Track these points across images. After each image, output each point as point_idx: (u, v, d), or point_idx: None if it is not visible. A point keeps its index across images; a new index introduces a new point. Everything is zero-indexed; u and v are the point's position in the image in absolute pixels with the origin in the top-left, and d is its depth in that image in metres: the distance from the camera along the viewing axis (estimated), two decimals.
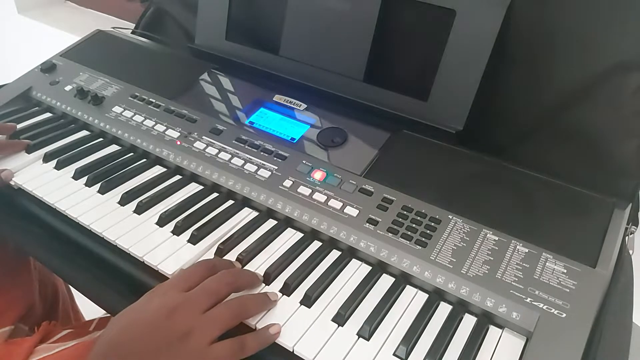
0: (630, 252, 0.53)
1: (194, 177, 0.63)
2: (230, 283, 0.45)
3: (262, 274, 0.50)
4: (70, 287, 0.87)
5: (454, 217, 0.52)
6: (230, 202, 0.60)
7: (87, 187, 0.61)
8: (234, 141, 0.64)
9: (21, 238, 0.60)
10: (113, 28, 0.90)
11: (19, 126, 0.70)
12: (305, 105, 0.68)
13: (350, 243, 0.52)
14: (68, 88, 0.76)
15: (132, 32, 0.94)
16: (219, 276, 0.45)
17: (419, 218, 0.53)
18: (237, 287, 0.46)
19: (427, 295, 0.49)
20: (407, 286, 0.50)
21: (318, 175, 0.58)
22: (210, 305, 0.42)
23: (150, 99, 0.71)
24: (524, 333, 0.45)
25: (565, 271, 0.47)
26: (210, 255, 0.53)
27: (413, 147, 0.62)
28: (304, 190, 0.57)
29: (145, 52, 0.84)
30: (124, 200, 0.58)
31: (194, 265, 0.47)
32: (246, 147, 0.63)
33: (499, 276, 0.47)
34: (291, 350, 0.43)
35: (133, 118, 0.69)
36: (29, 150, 0.66)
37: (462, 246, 0.50)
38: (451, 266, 0.49)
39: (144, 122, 0.68)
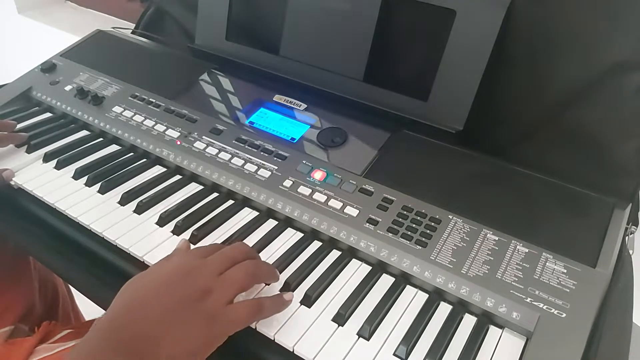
0: (630, 252, 0.53)
1: (194, 177, 0.63)
2: (246, 251, 0.46)
3: None
4: (70, 287, 0.87)
5: (454, 217, 0.52)
6: (230, 202, 0.60)
7: (87, 187, 0.61)
8: (234, 141, 0.64)
9: (21, 238, 0.60)
10: (113, 28, 0.90)
11: (19, 126, 0.70)
12: (305, 105, 0.68)
13: (350, 243, 0.52)
14: (68, 88, 0.76)
15: (132, 32, 0.94)
16: (234, 245, 0.47)
17: (419, 218, 0.53)
18: (252, 256, 0.47)
19: (427, 295, 0.49)
20: (407, 286, 0.50)
21: (318, 175, 0.58)
22: (227, 268, 0.43)
23: (150, 99, 0.71)
24: (524, 333, 0.45)
25: (565, 271, 0.47)
26: None
27: (413, 147, 0.62)
28: (304, 190, 0.57)
29: (145, 52, 0.84)
30: (124, 200, 0.58)
31: (207, 245, 0.48)
32: (246, 147, 0.63)
33: (499, 276, 0.47)
34: (291, 350, 0.43)
35: (133, 118, 0.69)
36: (29, 150, 0.66)
37: (462, 246, 0.50)
38: (451, 266, 0.49)
39: (144, 122, 0.68)
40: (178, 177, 0.63)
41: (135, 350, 0.37)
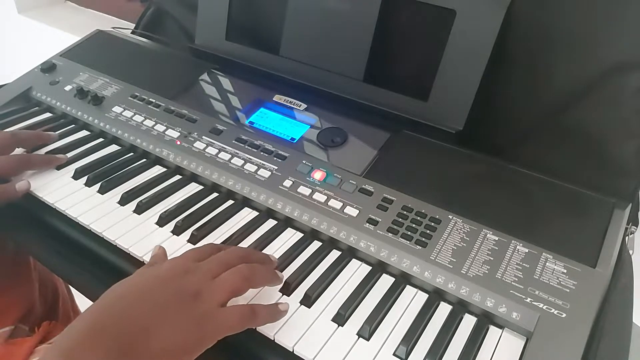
0: (630, 252, 0.53)
1: (194, 177, 0.63)
2: (242, 256, 0.46)
3: None
4: (70, 287, 0.87)
5: (454, 217, 0.52)
6: (230, 202, 0.60)
7: (87, 187, 0.61)
8: (234, 141, 0.64)
9: (21, 238, 0.60)
10: (113, 28, 0.90)
11: (18, 126, 0.70)
12: (305, 105, 0.68)
13: (350, 243, 0.52)
14: (68, 88, 0.76)
15: (132, 32, 0.94)
16: (231, 249, 0.46)
17: (419, 218, 0.53)
18: (248, 260, 0.46)
19: (427, 295, 0.49)
20: (407, 286, 0.50)
21: (318, 175, 0.58)
22: (221, 272, 0.43)
23: (150, 99, 0.71)
24: (524, 333, 0.45)
25: (565, 271, 0.47)
26: None
27: (413, 147, 0.62)
28: (304, 190, 0.57)
29: (145, 52, 0.84)
30: (124, 200, 0.58)
31: (202, 245, 0.48)
32: (246, 147, 0.63)
33: (499, 276, 0.47)
34: (291, 350, 0.43)
35: (133, 118, 0.69)
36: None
37: (462, 246, 0.50)
38: (451, 266, 0.49)
39: (144, 122, 0.68)
40: (178, 177, 0.63)
41: (125, 342, 0.37)
